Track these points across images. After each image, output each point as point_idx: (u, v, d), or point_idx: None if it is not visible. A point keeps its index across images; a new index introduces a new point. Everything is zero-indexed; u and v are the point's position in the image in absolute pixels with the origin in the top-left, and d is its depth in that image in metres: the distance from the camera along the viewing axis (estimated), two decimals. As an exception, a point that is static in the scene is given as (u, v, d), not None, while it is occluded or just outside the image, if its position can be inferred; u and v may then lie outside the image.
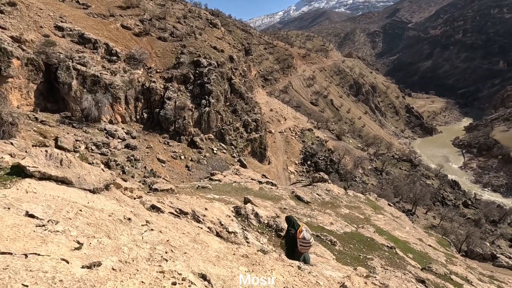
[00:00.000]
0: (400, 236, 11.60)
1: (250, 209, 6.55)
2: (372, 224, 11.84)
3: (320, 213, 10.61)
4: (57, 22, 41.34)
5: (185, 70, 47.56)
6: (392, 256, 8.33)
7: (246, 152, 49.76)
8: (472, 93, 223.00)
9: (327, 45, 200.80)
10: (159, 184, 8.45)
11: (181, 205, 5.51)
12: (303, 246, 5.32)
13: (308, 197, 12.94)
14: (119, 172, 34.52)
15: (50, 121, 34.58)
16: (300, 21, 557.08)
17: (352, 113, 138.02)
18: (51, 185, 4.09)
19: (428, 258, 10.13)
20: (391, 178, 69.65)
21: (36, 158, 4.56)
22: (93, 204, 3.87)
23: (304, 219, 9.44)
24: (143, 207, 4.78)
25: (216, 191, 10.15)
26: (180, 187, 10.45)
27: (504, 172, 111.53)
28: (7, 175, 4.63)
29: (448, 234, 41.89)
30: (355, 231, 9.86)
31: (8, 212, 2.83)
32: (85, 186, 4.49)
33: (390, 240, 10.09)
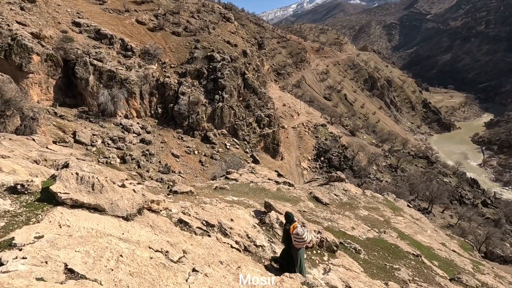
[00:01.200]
0: (423, 241, 11.19)
1: (274, 218, 6.37)
2: (392, 228, 11.47)
3: (340, 217, 10.33)
4: (75, 18, 42.04)
5: (199, 65, 47.58)
6: (419, 265, 7.99)
7: (259, 147, 49.61)
8: (494, 88, 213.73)
9: (341, 38, 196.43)
10: (179, 186, 8.38)
11: (207, 217, 5.40)
12: (297, 242, 5.58)
13: (326, 198, 12.66)
14: (135, 166, 35.15)
15: (69, 115, 35.42)
16: (313, 14, 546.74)
17: (366, 108, 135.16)
18: (83, 214, 4.00)
19: (455, 266, 9.70)
20: (407, 175, 68.05)
21: (67, 183, 4.43)
22: (128, 235, 3.77)
23: (324, 223, 9.18)
24: (174, 227, 4.66)
25: (233, 192, 10.03)
26: (198, 187, 10.41)
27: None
28: (38, 201, 4.52)
29: (466, 234, 40.68)
30: (378, 236, 9.54)
31: (46, 268, 2.70)
32: (118, 213, 4.32)
33: (414, 246, 9.71)
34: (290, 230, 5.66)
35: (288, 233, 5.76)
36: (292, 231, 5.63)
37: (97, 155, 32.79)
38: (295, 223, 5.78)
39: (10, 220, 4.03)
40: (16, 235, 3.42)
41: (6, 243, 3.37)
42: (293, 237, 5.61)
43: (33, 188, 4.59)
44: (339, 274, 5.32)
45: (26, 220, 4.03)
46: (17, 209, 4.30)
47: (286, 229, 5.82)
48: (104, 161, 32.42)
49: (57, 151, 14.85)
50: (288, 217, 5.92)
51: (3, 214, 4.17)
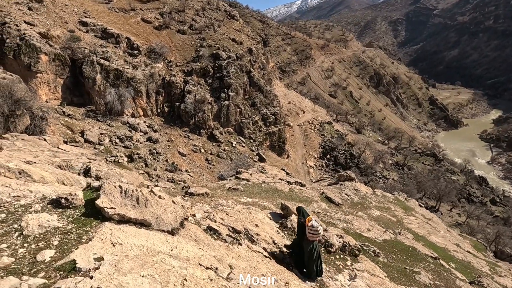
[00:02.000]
0: (438, 242, 11.03)
1: (295, 222, 6.31)
2: (406, 228, 11.32)
3: (355, 218, 10.22)
4: (81, 18, 42.27)
5: (205, 63, 47.57)
6: (438, 268, 7.86)
7: (265, 145, 49.53)
8: (503, 84, 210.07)
9: (347, 34, 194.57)
10: (194, 188, 8.37)
11: (233, 223, 5.37)
12: (311, 234, 5.70)
13: (338, 198, 12.55)
14: (142, 165, 35.37)
15: (77, 114, 35.73)
16: (318, 10, 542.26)
17: (372, 105, 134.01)
18: (131, 230, 3.96)
19: (472, 269, 9.54)
20: (414, 173, 67.41)
21: (111, 197, 4.42)
22: (177, 251, 3.73)
23: (340, 224, 9.08)
24: (210, 238, 4.61)
25: (247, 193, 9.99)
26: (210, 187, 10.39)
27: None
28: (84, 216, 4.48)
29: (475, 233, 40.22)
30: (394, 238, 9.41)
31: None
32: (163, 227, 4.32)
33: (429, 247, 9.56)
34: (306, 222, 5.79)
35: (303, 226, 5.87)
36: (307, 223, 5.76)
37: (105, 154, 33.05)
38: (310, 216, 5.93)
39: (62, 238, 3.99)
40: (76, 257, 3.40)
41: (69, 266, 3.34)
42: (308, 229, 5.73)
43: (77, 202, 4.54)
44: (365, 281, 5.25)
45: (78, 238, 4.00)
46: (66, 226, 4.25)
47: (302, 222, 5.93)
48: (112, 160, 32.66)
49: (68, 151, 14.96)
50: (299, 211, 6.10)
51: (54, 231, 4.13)
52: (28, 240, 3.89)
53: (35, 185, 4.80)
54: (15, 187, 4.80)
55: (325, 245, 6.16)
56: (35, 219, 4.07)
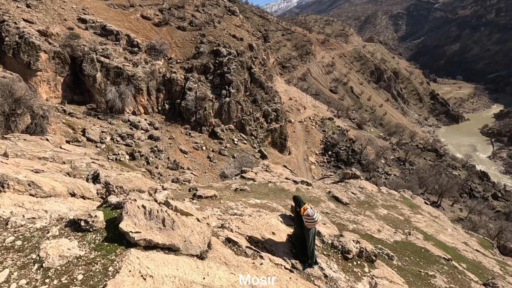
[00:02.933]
0: (447, 241, 10.91)
1: None
2: (414, 227, 11.21)
3: (364, 218, 10.09)
4: (80, 15, 41.87)
5: (205, 60, 47.21)
6: (452, 270, 7.74)
7: (267, 142, 49.37)
8: (504, 78, 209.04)
9: (347, 29, 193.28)
10: (203, 191, 8.21)
11: (250, 231, 5.23)
12: (309, 222, 5.87)
13: (345, 197, 12.42)
14: (144, 163, 35.27)
15: (77, 113, 35.55)
16: (318, 5, 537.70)
17: (373, 100, 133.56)
18: (160, 257, 3.71)
19: (484, 269, 9.42)
20: (415, 168, 67.30)
21: (135, 219, 4.11)
22: (209, 280, 3.53)
23: (349, 226, 8.95)
24: (237, 257, 4.41)
25: (254, 194, 9.85)
26: (216, 188, 10.24)
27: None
28: (106, 241, 4.11)
29: (477, 228, 40.22)
30: (405, 239, 9.28)
31: None
32: (192, 251, 4.07)
33: (439, 247, 9.44)
34: (301, 212, 5.91)
35: (299, 215, 5.99)
36: (303, 212, 5.89)
37: (107, 152, 32.93)
38: (305, 205, 6.06)
39: (86, 271, 3.64)
40: None
41: None
42: (304, 218, 5.88)
43: (98, 225, 4.21)
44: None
45: (103, 270, 3.65)
46: (88, 254, 3.90)
47: (298, 212, 6.05)
48: (114, 158, 32.57)
49: (71, 151, 14.82)
50: (296, 200, 6.18)
51: (76, 261, 3.75)
52: (49, 275, 3.51)
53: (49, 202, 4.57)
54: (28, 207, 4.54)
55: (342, 251, 6.02)
56: (55, 247, 3.77)
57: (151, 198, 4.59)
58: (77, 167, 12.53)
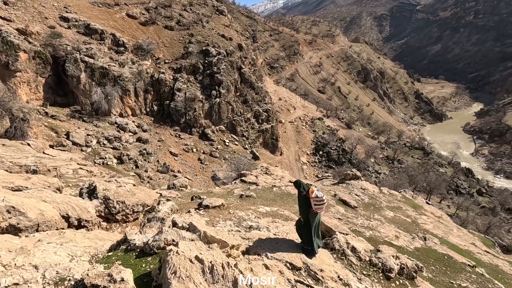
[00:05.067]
0: (459, 243, 10.63)
1: (344, 242, 5.53)
2: (423, 229, 10.89)
3: (378, 224, 9.64)
4: (62, 13, 40.06)
5: (194, 60, 46.19)
6: (481, 279, 7.36)
7: (258, 143, 48.80)
8: (483, 77, 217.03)
9: (334, 30, 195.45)
10: (209, 200, 7.48)
11: (287, 255, 4.56)
12: (317, 205, 5.54)
13: (352, 200, 11.99)
14: (132, 166, 34.01)
15: (61, 115, 33.90)
16: (304, 6, 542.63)
17: (360, 100, 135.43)
18: None
19: (503, 273, 9.13)
20: (404, 166, 68.38)
21: (191, 284, 2.69)
22: None
23: (366, 232, 8.45)
24: None
25: (261, 200, 9.21)
26: (218, 194, 9.54)
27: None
28: None
29: (467, 224, 40.95)
30: (424, 245, 8.89)
31: None
32: None
33: (456, 251, 9.10)
34: (310, 195, 5.57)
35: (307, 199, 5.60)
36: (311, 195, 5.56)
37: (93, 156, 31.51)
38: (311, 187, 5.70)
39: None
40: None
41: None
42: (313, 201, 5.55)
43: None
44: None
45: None
46: None
47: (305, 195, 5.66)
48: (101, 162, 31.19)
49: (55, 156, 13.73)
50: (299, 185, 5.80)
51: None
52: None
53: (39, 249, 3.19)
54: (7, 261, 2.85)
55: (383, 269, 5.44)
56: None
57: (195, 237, 3.52)
58: (63, 174, 11.54)
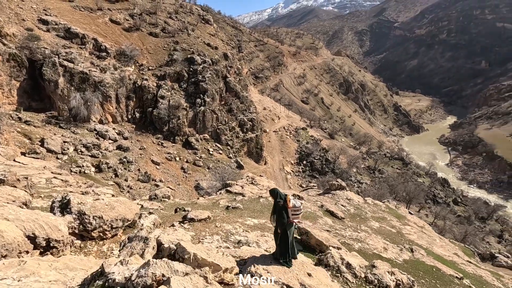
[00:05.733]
0: (443, 254, 10.76)
1: (338, 258, 5.28)
2: (408, 240, 10.97)
3: (367, 235, 9.57)
4: (41, 15, 38.74)
5: (179, 68, 45.74)
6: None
7: (242, 152, 48.50)
8: (456, 92, 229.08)
9: (317, 43, 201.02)
10: (194, 213, 7.07)
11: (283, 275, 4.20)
12: (294, 215, 5.41)
13: (338, 211, 11.91)
14: (112, 175, 32.68)
15: (35, 121, 32.27)
16: (288, 19, 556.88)
17: (342, 111, 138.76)
18: None
19: (487, 284, 9.27)
20: (384, 176, 70.02)
21: None
22: None
23: (355, 245, 8.32)
24: None
25: (248, 212, 8.90)
26: (203, 205, 9.14)
27: (488, 169, 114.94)
28: None
29: (444, 233, 42.10)
30: (412, 257, 8.87)
31: None
32: None
33: (441, 262, 9.18)
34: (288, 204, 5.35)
35: (285, 209, 5.38)
36: (289, 205, 5.37)
37: (69, 164, 30.03)
38: (288, 196, 5.51)
39: None
40: None
41: None
42: (290, 211, 5.37)
43: None
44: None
45: None
46: None
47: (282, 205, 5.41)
48: (78, 171, 29.77)
49: (27, 164, 12.86)
50: (275, 193, 5.59)
51: None
52: None
53: None
54: None
55: (379, 286, 5.26)
56: None
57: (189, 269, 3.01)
58: (35, 184, 10.74)
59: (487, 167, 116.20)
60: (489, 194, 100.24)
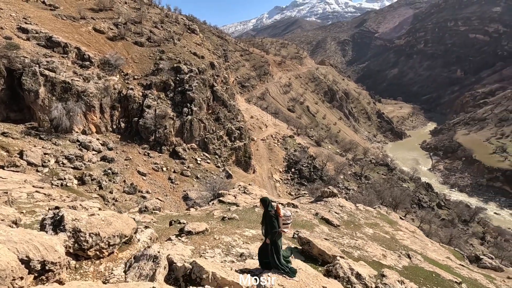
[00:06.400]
0: (438, 259, 10.86)
1: (347, 268, 5.11)
2: (402, 245, 11.02)
3: (365, 243, 9.50)
4: (21, 23, 37.60)
5: (165, 77, 45.28)
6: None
7: (231, 161, 48.12)
8: (435, 99, 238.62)
9: (301, 52, 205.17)
10: (192, 225, 6.73)
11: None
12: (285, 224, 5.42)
13: (333, 218, 11.84)
14: (95, 187, 31.50)
15: (14, 132, 30.85)
16: (273, 29, 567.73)
17: (327, 119, 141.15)
18: None
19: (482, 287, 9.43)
20: (371, 182, 71.17)
21: None
22: None
23: (354, 253, 8.22)
24: None
25: (245, 222, 8.64)
26: (197, 217, 8.82)
27: (468, 173, 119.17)
28: None
29: (431, 236, 42.93)
30: (411, 262, 8.86)
31: None
32: None
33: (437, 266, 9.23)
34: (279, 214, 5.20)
35: (277, 218, 5.18)
36: (280, 214, 5.22)
37: (50, 176, 28.73)
38: (277, 205, 5.39)
39: None
40: None
41: None
42: (282, 220, 5.24)
43: None
44: None
45: None
46: None
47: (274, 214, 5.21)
48: (59, 184, 28.50)
49: (6, 178, 12.19)
50: (266, 202, 5.42)
51: None
52: None
53: None
54: None
55: None
56: None
57: None
58: (16, 199, 10.10)
59: (467, 171, 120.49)
60: (470, 197, 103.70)
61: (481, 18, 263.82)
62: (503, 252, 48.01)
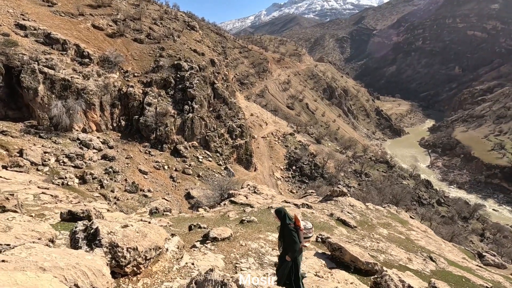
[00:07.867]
0: (457, 260, 10.65)
1: (398, 281, 4.81)
2: (418, 246, 10.81)
3: (389, 246, 9.24)
4: (18, 20, 36.91)
5: (165, 74, 44.77)
6: None
7: (232, 159, 47.82)
8: (433, 96, 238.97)
9: (300, 50, 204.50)
10: (216, 231, 6.40)
11: None
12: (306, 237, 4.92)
13: (349, 219, 11.61)
14: (97, 186, 31.14)
15: (13, 131, 30.36)
16: (271, 26, 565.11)
17: (327, 116, 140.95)
18: None
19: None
20: (371, 179, 71.22)
21: None
22: None
23: (379, 256, 7.97)
24: None
25: (265, 225, 8.34)
26: (211, 219, 8.54)
27: (467, 170, 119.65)
28: None
29: (433, 234, 42.91)
30: (437, 267, 8.64)
31: None
32: None
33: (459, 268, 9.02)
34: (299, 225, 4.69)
35: (297, 232, 4.64)
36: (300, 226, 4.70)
37: (51, 176, 28.32)
38: (295, 215, 4.82)
39: None
40: None
41: None
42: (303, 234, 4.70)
43: None
44: None
45: None
46: None
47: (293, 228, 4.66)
48: (60, 183, 28.10)
49: (10, 179, 11.83)
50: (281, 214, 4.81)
51: None
52: None
53: None
54: None
55: None
56: None
57: None
58: (23, 201, 9.76)
59: (465, 168, 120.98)
60: (469, 194, 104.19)
61: (479, 15, 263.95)
62: (503, 248, 48.27)
